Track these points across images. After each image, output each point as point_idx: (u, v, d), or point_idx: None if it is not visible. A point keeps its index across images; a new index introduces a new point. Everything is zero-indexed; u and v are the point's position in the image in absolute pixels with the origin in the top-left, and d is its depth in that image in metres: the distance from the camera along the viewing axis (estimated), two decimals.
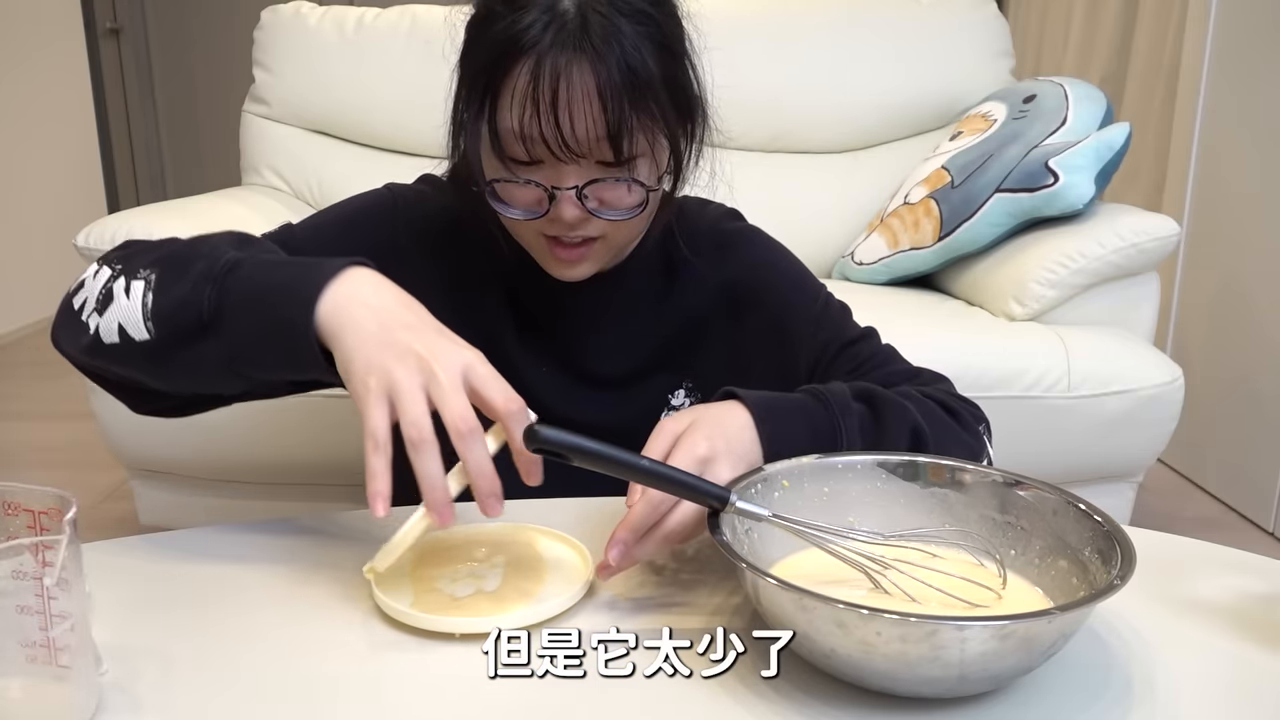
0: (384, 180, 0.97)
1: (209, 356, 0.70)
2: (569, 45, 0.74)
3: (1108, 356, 1.66)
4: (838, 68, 2.23)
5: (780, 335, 0.93)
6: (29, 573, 0.53)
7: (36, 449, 2.61)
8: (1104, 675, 0.61)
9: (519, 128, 0.76)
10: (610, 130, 0.75)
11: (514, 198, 0.80)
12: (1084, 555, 0.64)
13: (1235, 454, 2.19)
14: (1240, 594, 0.71)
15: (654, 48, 0.77)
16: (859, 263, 2.06)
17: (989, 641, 0.54)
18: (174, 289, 0.71)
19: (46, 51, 3.88)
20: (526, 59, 0.74)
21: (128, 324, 0.72)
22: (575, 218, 0.79)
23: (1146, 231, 1.70)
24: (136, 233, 1.70)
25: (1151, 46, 2.61)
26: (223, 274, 0.70)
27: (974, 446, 0.84)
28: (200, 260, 0.71)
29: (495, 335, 0.90)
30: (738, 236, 0.96)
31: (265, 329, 0.68)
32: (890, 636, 0.54)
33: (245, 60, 2.30)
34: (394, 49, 2.18)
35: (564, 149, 0.76)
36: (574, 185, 0.78)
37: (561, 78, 0.74)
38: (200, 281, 0.70)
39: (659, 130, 0.79)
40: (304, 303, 0.67)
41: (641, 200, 0.80)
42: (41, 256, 3.79)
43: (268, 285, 0.69)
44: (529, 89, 0.74)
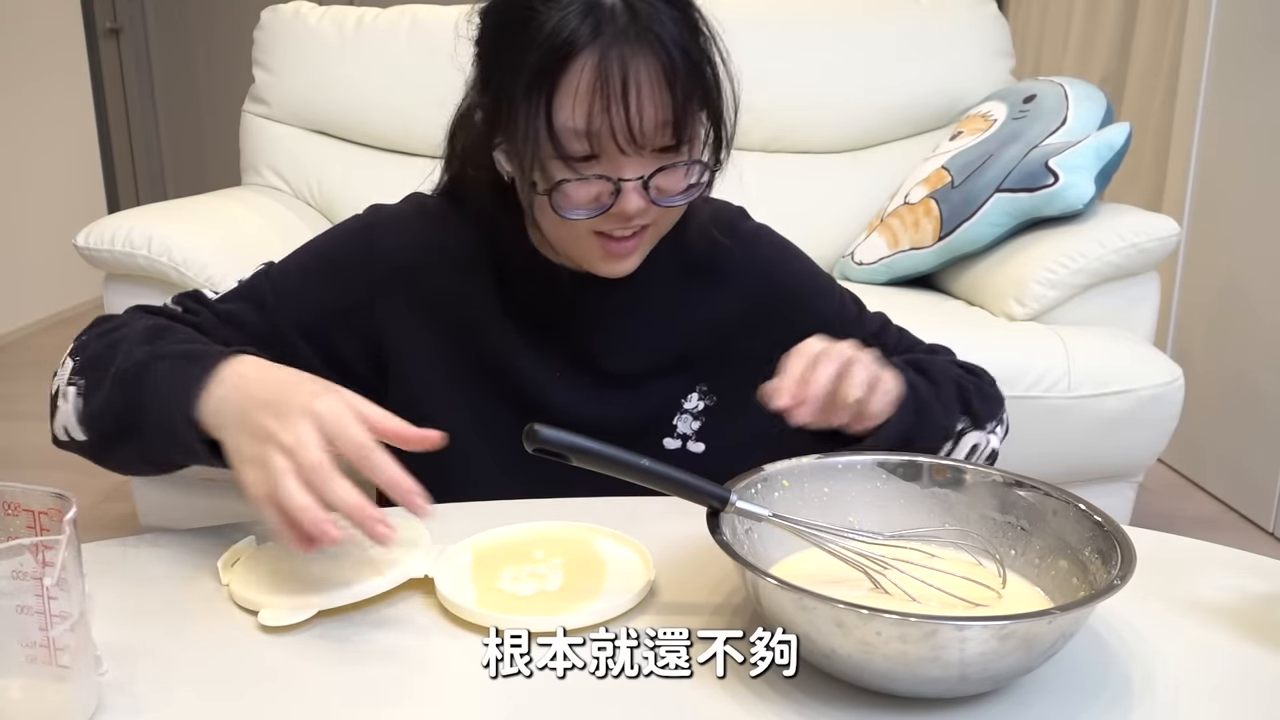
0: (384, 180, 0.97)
1: (134, 453, 0.76)
2: (628, 36, 0.74)
3: (1108, 356, 1.66)
4: (838, 67, 2.23)
5: (799, 330, 0.91)
6: (29, 573, 0.53)
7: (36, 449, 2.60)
8: (1104, 675, 0.61)
9: (585, 125, 0.76)
10: (675, 115, 0.76)
11: (577, 196, 0.79)
12: (1084, 555, 0.64)
13: (1235, 454, 2.19)
14: (1240, 594, 0.71)
15: (691, 31, 0.78)
16: (859, 263, 2.06)
17: (989, 642, 0.54)
18: (96, 394, 0.75)
19: (46, 51, 3.88)
20: (586, 55, 0.74)
21: (69, 425, 0.77)
22: (639, 208, 0.79)
23: (1146, 231, 1.70)
24: (136, 233, 1.71)
25: (1151, 46, 2.61)
26: (131, 378, 0.73)
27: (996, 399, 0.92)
28: (114, 365, 0.75)
29: (495, 344, 0.90)
30: (752, 235, 0.97)
31: (163, 434, 0.72)
32: (890, 636, 0.54)
33: (245, 60, 2.30)
34: (394, 49, 2.18)
35: (631, 141, 0.76)
36: (639, 176, 0.78)
37: (629, 69, 0.74)
38: (113, 387, 0.74)
39: (706, 110, 0.80)
40: (185, 407, 0.69)
41: (697, 180, 0.82)
42: (41, 256, 3.79)
43: (159, 390, 0.72)
44: (595, 84, 0.74)
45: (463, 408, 0.89)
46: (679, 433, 0.92)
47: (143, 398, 0.72)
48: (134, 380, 0.73)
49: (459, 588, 0.68)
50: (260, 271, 0.91)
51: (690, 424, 0.93)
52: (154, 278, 1.73)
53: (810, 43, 2.24)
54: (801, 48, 2.23)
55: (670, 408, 0.92)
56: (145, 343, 0.76)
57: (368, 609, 0.68)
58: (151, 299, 1.74)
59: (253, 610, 0.67)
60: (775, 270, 0.95)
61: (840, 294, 0.98)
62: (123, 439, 0.74)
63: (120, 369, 0.74)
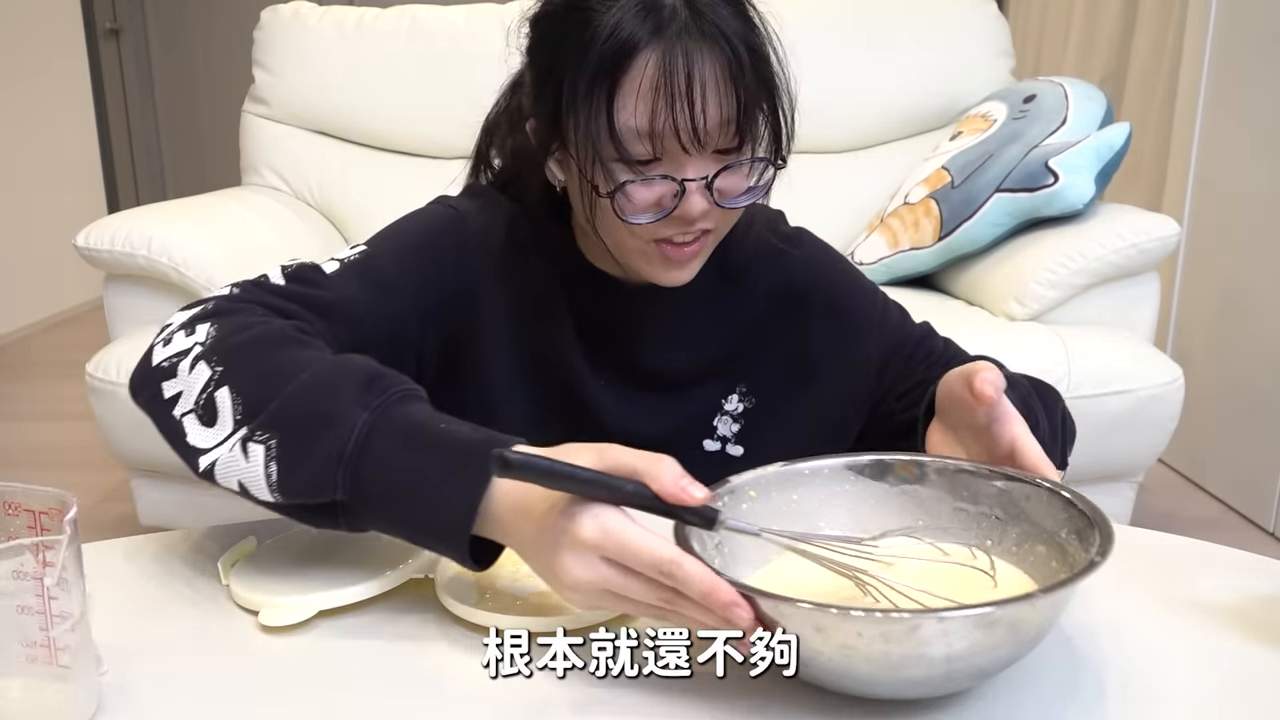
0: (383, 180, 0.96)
1: (342, 526, 0.65)
2: (689, 32, 0.73)
3: (1108, 356, 1.66)
4: (838, 68, 2.23)
5: (843, 332, 0.92)
6: (29, 573, 0.53)
7: (36, 449, 2.61)
8: (1103, 675, 0.61)
9: (647, 124, 0.73)
10: (739, 113, 0.75)
11: (641, 199, 0.77)
12: (1061, 538, 0.64)
13: (1235, 454, 2.19)
14: (1240, 594, 0.71)
15: (750, 25, 0.77)
16: (859, 263, 2.06)
17: (974, 632, 0.53)
18: (301, 467, 0.63)
19: (46, 51, 3.88)
20: (648, 52, 0.72)
21: (250, 485, 0.65)
22: (703, 210, 0.77)
23: (1146, 231, 1.70)
24: (136, 233, 1.71)
25: (1151, 46, 2.61)
26: (355, 457, 0.62)
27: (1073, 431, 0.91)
28: (325, 431, 0.63)
29: (563, 352, 0.88)
30: (793, 239, 0.95)
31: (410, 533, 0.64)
32: (871, 636, 0.53)
33: (245, 60, 2.30)
34: (394, 49, 2.19)
35: (694, 140, 0.74)
36: (701, 176, 0.76)
37: (694, 66, 0.72)
38: (330, 464, 0.62)
39: (769, 108, 0.79)
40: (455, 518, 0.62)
41: (759, 179, 0.80)
42: (41, 256, 3.79)
43: (410, 485, 0.62)
44: (658, 82, 0.72)
45: (521, 405, 0.88)
46: (719, 434, 0.91)
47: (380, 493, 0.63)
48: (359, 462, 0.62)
49: (459, 588, 0.68)
50: (365, 252, 0.83)
51: (730, 426, 0.91)
52: (154, 278, 1.73)
53: (810, 43, 2.22)
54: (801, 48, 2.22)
55: (711, 410, 0.91)
56: (359, 403, 0.64)
57: (368, 609, 0.68)
58: (151, 299, 1.76)
59: (253, 610, 0.67)
60: (816, 272, 0.94)
61: (884, 299, 0.96)
62: (334, 513, 0.64)
63: (343, 446, 0.62)
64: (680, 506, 0.58)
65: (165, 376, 0.69)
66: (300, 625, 0.65)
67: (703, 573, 0.55)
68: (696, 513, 0.59)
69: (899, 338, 0.93)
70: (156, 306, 1.76)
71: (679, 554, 0.56)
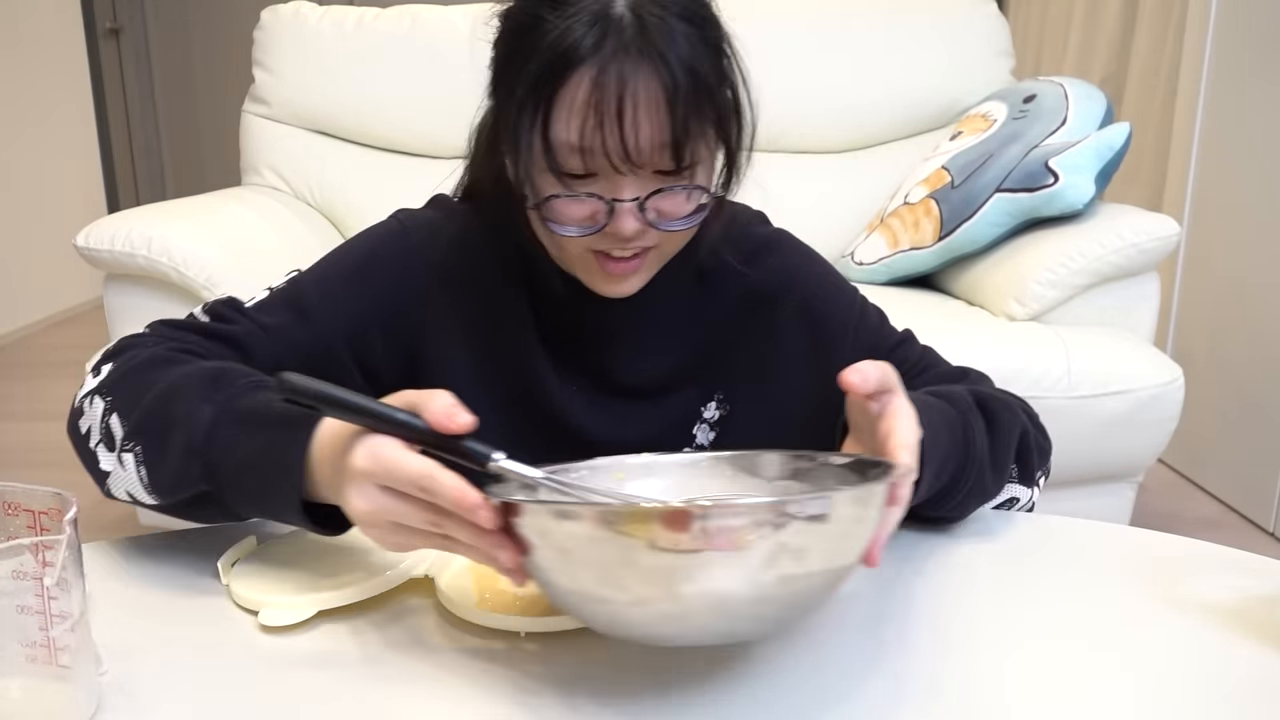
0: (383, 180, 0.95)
1: (220, 515, 0.72)
2: (630, 50, 0.71)
3: (1108, 356, 1.66)
4: (838, 68, 2.23)
5: (818, 336, 0.91)
6: (29, 573, 0.53)
7: (36, 449, 2.61)
8: (1103, 675, 0.61)
9: (578, 140, 0.72)
10: (674, 137, 0.73)
11: (569, 214, 0.76)
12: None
13: (1235, 454, 2.19)
14: (1240, 594, 0.71)
15: (708, 50, 0.75)
16: (859, 263, 2.06)
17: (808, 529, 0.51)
18: (162, 464, 0.70)
19: (46, 51, 3.88)
20: (585, 68, 0.71)
21: (134, 491, 0.72)
22: (634, 230, 0.76)
23: (1146, 231, 1.70)
24: (136, 233, 1.71)
25: (1151, 47, 2.62)
26: (203, 447, 0.68)
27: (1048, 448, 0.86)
28: (175, 429, 0.69)
29: (526, 361, 0.88)
30: (768, 242, 0.94)
31: (263, 506, 0.68)
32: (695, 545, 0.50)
33: (245, 60, 2.30)
34: (394, 49, 2.19)
35: (625, 160, 0.73)
36: (634, 197, 0.75)
37: (627, 86, 0.71)
38: (185, 456, 0.68)
39: (716, 134, 0.77)
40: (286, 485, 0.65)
41: (699, 206, 0.78)
42: (41, 256, 3.80)
43: (248, 461, 0.67)
44: (591, 99, 0.71)
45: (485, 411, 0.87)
46: (697, 443, 0.90)
47: (230, 475, 0.67)
48: (207, 451, 0.67)
49: (459, 588, 0.68)
50: (293, 279, 0.86)
51: (708, 434, 0.90)
52: (154, 278, 1.73)
53: (810, 43, 2.24)
54: (802, 48, 2.23)
55: (690, 418, 0.90)
56: (204, 398, 0.69)
57: (368, 609, 0.68)
58: (151, 299, 1.76)
59: (253, 610, 0.67)
60: (793, 275, 0.92)
61: (861, 302, 0.95)
62: (206, 501, 0.70)
63: (191, 438, 0.68)
64: (456, 445, 0.59)
65: (78, 416, 0.75)
66: (300, 625, 0.65)
67: (455, 481, 0.56)
68: (469, 450, 0.59)
69: (875, 342, 0.91)
70: (156, 306, 1.76)
71: (434, 466, 0.57)
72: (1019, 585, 0.72)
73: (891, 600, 0.70)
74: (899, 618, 0.68)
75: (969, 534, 0.80)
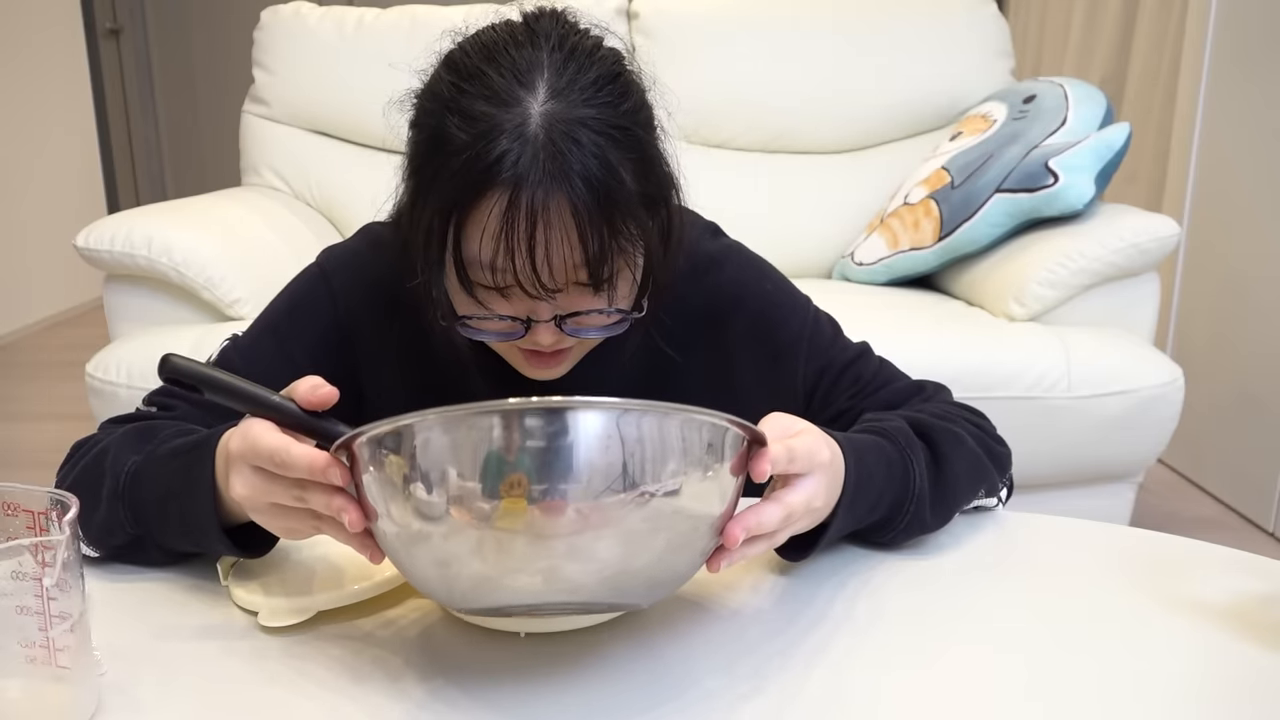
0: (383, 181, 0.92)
1: (158, 557, 0.74)
2: (543, 179, 0.67)
3: (1108, 356, 1.66)
4: (838, 68, 2.23)
5: (769, 352, 0.88)
6: (29, 573, 0.53)
7: (36, 449, 2.61)
8: (1103, 674, 0.61)
9: (490, 260, 0.70)
10: (589, 259, 0.70)
11: (486, 328, 0.75)
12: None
13: (1235, 454, 2.19)
14: (1240, 594, 0.71)
15: (630, 163, 0.71)
16: (859, 263, 2.06)
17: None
18: (95, 514, 0.72)
19: (46, 51, 3.88)
20: (496, 193, 0.68)
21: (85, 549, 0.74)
22: (552, 342, 0.75)
23: (1146, 231, 1.70)
24: (136, 233, 1.71)
25: (1151, 47, 2.62)
26: (126, 489, 0.71)
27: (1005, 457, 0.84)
28: (105, 477, 0.72)
29: (466, 389, 0.84)
30: (717, 257, 0.90)
31: (185, 532, 0.70)
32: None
33: (245, 60, 2.30)
34: (394, 49, 2.18)
35: (538, 286, 0.70)
36: (550, 317, 0.73)
37: (539, 214, 0.67)
38: (111, 502, 0.71)
39: (637, 248, 0.74)
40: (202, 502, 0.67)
41: (620, 319, 0.76)
42: (41, 256, 3.80)
43: (166, 490, 0.69)
44: (501, 229, 0.68)
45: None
46: None
47: (151, 509, 0.70)
48: (131, 492, 0.70)
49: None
50: (227, 345, 0.86)
51: None
52: (154, 278, 1.73)
53: (810, 43, 2.24)
54: (802, 48, 2.23)
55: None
56: (132, 450, 0.73)
57: (368, 609, 0.68)
58: (151, 299, 1.76)
59: (253, 610, 0.67)
60: (741, 292, 0.89)
61: (814, 313, 0.91)
62: (140, 545, 0.72)
63: (117, 484, 0.71)
64: (317, 424, 0.61)
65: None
66: (300, 625, 0.65)
67: (306, 449, 0.58)
68: (329, 432, 0.60)
69: (828, 359, 0.88)
70: (156, 306, 1.76)
71: (288, 440, 0.59)
72: (1019, 585, 0.72)
73: (891, 600, 0.70)
74: (898, 618, 0.68)
75: (969, 533, 0.80)
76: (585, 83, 0.70)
